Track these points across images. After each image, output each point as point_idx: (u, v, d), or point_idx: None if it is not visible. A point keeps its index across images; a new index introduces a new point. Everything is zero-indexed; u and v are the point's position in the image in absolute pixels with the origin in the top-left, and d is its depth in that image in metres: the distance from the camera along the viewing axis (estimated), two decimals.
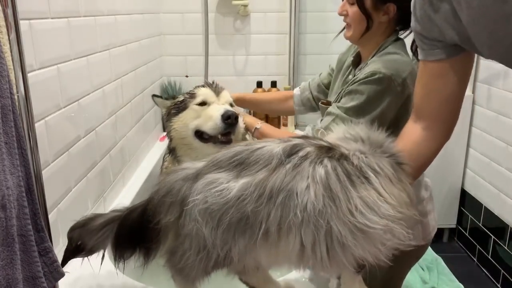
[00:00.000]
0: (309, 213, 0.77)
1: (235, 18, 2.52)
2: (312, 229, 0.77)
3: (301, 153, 0.81)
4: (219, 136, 1.42)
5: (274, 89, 2.55)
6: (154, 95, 1.67)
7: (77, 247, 0.96)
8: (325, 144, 0.85)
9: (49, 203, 1.03)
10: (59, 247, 1.15)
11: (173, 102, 1.59)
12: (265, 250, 0.81)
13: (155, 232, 0.88)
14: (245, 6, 2.45)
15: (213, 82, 1.61)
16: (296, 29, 2.54)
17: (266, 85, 2.56)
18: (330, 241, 0.78)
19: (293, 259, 0.82)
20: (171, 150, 1.60)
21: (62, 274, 0.89)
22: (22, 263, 0.78)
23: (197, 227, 0.80)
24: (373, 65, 1.21)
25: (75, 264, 1.20)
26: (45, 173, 1.05)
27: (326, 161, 0.81)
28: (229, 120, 1.40)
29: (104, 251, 0.96)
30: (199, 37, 2.52)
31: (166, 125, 1.60)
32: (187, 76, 2.57)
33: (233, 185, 0.79)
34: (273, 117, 2.56)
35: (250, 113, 1.74)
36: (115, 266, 0.93)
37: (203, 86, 1.58)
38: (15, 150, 0.76)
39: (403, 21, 1.25)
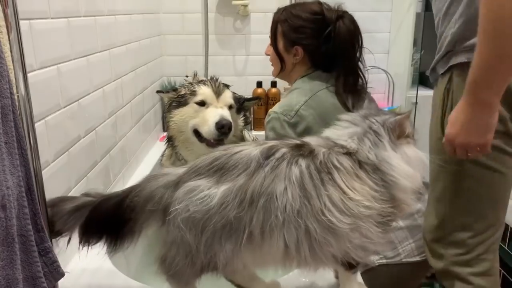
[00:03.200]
0: (288, 214, 0.79)
1: (235, 18, 2.52)
2: (293, 229, 0.79)
3: (277, 155, 0.83)
4: (212, 140, 1.50)
5: (274, 89, 2.55)
6: (158, 91, 1.73)
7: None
8: (297, 142, 0.87)
9: None
10: (59, 247, 1.14)
11: (175, 94, 1.61)
12: (250, 253, 0.82)
13: (126, 228, 0.89)
14: (245, 6, 2.45)
15: (216, 80, 1.62)
16: None
17: (266, 85, 2.56)
18: (309, 240, 0.80)
19: (278, 259, 0.84)
20: (169, 139, 1.65)
21: (62, 274, 0.89)
22: (22, 263, 0.78)
23: (181, 234, 0.81)
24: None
25: (75, 264, 1.20)
26: (45, 173, 1.05)
27: (300, 160, 0.83)
28: (223, 129, 1.46)
29: (71, 236, 0.94)
30: (199, 37, 2.52)
31: (166, 115, 1.63)
32: (187, 76, 2.56)
33: (214, 191, 0.80)
34: None
35: (249, 125, 1.75)
36: (78, 248, 0.92)
37: (205, 82, 1.60)
38: (15, 150, 0.76)
39: (311, 61, 1.42)
